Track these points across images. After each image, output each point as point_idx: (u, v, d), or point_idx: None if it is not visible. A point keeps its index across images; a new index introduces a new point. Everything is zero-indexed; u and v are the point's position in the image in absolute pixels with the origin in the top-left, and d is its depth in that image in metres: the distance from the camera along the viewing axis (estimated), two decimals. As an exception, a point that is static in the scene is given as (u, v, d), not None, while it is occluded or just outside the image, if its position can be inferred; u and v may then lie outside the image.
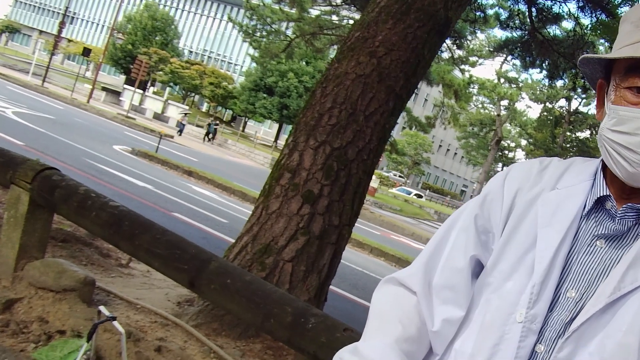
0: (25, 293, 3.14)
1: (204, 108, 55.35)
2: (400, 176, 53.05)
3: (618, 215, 0.96)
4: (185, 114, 33.20)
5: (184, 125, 31.36)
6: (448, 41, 16.23)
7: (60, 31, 33.25)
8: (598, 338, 0.90)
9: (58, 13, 69.75)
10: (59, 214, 3.18)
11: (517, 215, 1.04)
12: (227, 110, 51.92)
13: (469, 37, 17.18)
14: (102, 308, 2.17)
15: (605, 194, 0.98)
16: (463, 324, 1.04)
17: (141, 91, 38.45)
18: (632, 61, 0.92)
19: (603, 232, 0.97)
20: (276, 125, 47.57)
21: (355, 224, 4.27)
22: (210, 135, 33.58)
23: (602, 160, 1.04)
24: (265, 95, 40.17)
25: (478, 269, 1.08)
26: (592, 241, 0.98)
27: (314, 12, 16.52)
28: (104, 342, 2.74)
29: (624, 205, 0.96)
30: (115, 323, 2.12)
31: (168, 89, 48.04)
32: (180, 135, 30.26)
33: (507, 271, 1.01)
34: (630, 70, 0.93)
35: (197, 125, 38.89)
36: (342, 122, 3.91)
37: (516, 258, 1.01)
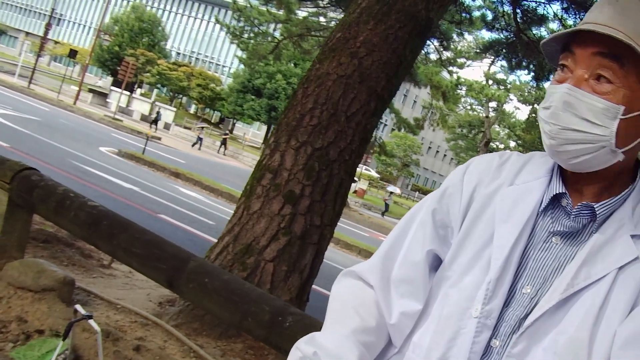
0: (4, 293, 3.12)
1: (192, 110, 55.13)
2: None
3: (573, 213, 0.97)
4: (203, 127, 32.84)
5: (201, 139, 30.97)
6: (435, 42, 16.31)
7: (46, 33, 33.01)
8: (552, 334, 0.91)
9: (44, 15, 69.17)
10: (38, 214, 3.18)
11: (475, 210, 1.05)
12: (215, 112, 51.81)
13: (456, 39, 17.28)
14: (78, 307, 2.18)
15: (561, 191, 0.99)
16: (422, 318, 1.05)
17: (128, 93, 38.22)
18: (569, 39, 0.94)
19: (559, 229, 0.98)
20: (265, 127, 47.52)
21: (344, 226, 4.29)
22: (223, 147, 33.22)
23: None
24: (253, 96, 40.14)
25: (436, 263, 1.09)
26: (547, 238, 0.99)
27: (302, 13, 16.52)
28: (83, 342, 2.74)
29: (578, 204, 0.97)
30: (91, 321, 2.12)
31: (155, 90, 47.80)
32: (193, 146, 29.86)
33: (465, 265, 1.02)
34: (563, 48, 0.96)
35: (185, 127, 38.73)
36: (323, 123, 3.93)
37: (474, 253, 1.01)
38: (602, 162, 0.93)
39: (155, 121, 32.47)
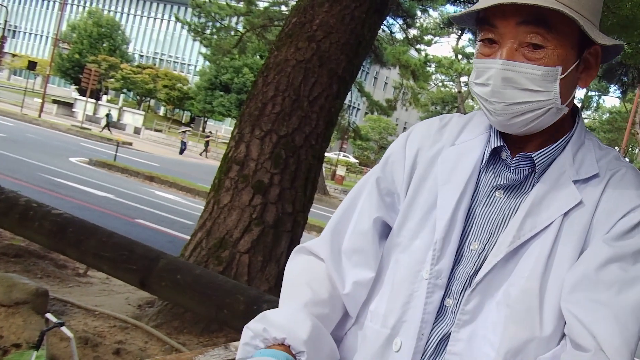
0: (-24, 312, 3.06)
1: (161, 112, 54.47)
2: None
3: (512, 164, 0.98)
4: (185, 131, 32.25)
5: (185, 143, 30.38)
6: (399, 21, 16.32)
7: (2, 46, 32.18)
8: (503, 287, 0.92)
9: None
10: (2, 227, 3.11)
11: (419, 175, 1.05)
12: (185, 111, 51.26)
13: (421, 16, 17.28)
14: (49, 315, 2.14)
15: (499, 144, 0.99)
16: (376, 286, 1.05)
17: (94, 100, 37.58)
18: (482, 14, 0.93)
19: (501, 183, 0.99)
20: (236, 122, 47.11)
21: (324, 213, 4.30)
22: (204, 150, 32.66)
23: None
24: (222, 93, 39.79)
25: (386, 230, 1.09)
26: (491, 192, 0.99)
27: (262, 4, 16.36)
28: (61, 351, 2.71)
29: (517, 155, 0.97)
30: (64, 328, 2.10)
31: (122, 95, 47.07)
32: (181, 154, 29.25)
33: (413, 230, 1.02)
34: (480, 22, 0.95)
35: (156, 130, 38.29)
36: (286, 110, 3.91)
37: (421, 216, 1.02)
38: (550, 121, 0.94)
39: (107, 124, 31.79)
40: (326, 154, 4.79)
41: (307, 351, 0.92)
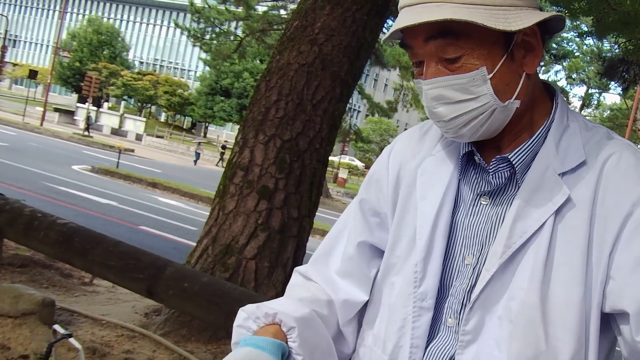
0: (-17, 323, 3.05)
1: (162, 118, 54.54)
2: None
3: (490, 170, 0.91)
4: (199, 142, 32.23)
5: (199, 153, 30.34)
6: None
7: (2, 56, 32.27)
8: (503, 300, 0.85)
9: (-1, 37, 67.70)
10: (7, 237, 3.10)
11: (405, 190, 0.99)
12: (186, 117, 51.30)
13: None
14: (56, 327, 2.13)
15: (467, 150, 0.94)
16: (376, 309, 1.00)
17: (95, 108, 37.64)
18: (402, 36, 0.89)
19: (485, 189, 0.92)
20: (237, 127, 47.17)
21: (327, 216, 4.28)
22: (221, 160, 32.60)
23: None
24: (222, 98, 39.82)
25: (376, 252, 1.04)
26: (476, 200, 0.93)
27: (261, 8, 16.37)
28: (69, 363, 2.69)
29: (493, 159, 0.90)
30: (72, 339, 2.08)
31: (123, 102, 47.14)
32: (195, 164, 29.16)
33: (406, 250, 0.96)
34: (403, 46, 0.90)
35: (157, 136, 38.33)
36: (289, 114, 3.90)
37: (411, 235, 0.95)
38: (503, 119, 0.87)
39: (88, 126, 31.69)
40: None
41: (299, 327, 0.87)
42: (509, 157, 0.89)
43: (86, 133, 30.21)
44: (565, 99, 0.96)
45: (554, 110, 0.92)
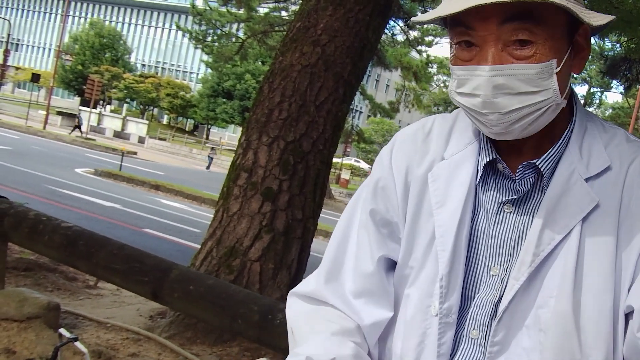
0: (-12, 327, 3.05)
1: (165, 120, 54.61)
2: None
3: (517, 177, 0.87)
4: (213, 147, 32.22)
5: (212, 158, 30.30)
6: (400, 23, 16.28)
7: (5, 59, 32.34)
8: (532, 310, 0.83)
9: (1, 41, 67.90)
10: (12, 242, 3.10)
11: (415, 197, 0.93)
12: (188, 119, 51.37)
13: (421, 18, 17.25)
14: (62, 330, 2.12)
15: (492, 158, 0.89)
16: (391, 322, 0.95)
17: (98, 111, 37.72)
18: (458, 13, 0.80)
19: (508, 197, 0.88)
20: (240, 129, 47.23)
21: (330, 217, 4.27)
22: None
23: None
24: (224, 100, 39.86)
25: (392, 263, 0.98)
26: (499, 209, 0.89)
27: (263, 10, 16.37)
28: (74, 366, 2.69)
29: (519, 166, 0.87)
30: (78, 343, 2.07)
31: (125, 105, 47.21)
32: (208, 169, 29.08)
33: (420, 260, 0.91)
34: (452, 24, 0.83)
35: (160, 139, 38.39)
36: (293, 115, 3.89)
37: (425, 244, 0.91)
38: (550, 119, 0.84)
39: (78, 126, 31.68)
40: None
41: None
42: (537, 163, 0.86)
43: (77, 133, 30.23)
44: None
45: (575, 112, 0.90)
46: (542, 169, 0.86)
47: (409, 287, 0.93)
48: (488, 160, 0.89)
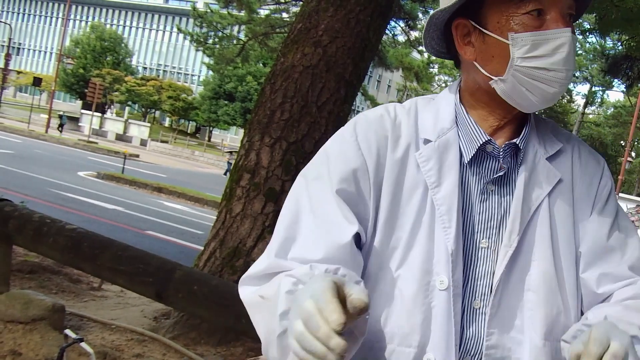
0: (-6, 329, 3.06)
1: (167, 123, 54.70)
2: None
3: (501, 156, 0.98)
4: (231, 152, 32.31)
5: (230, 163, 30.32)
6: (401, 24, 16.29)
7: (7, 64, 32.45)
8: (522, 274, 0.95)
9: (2, 46, 68.04)
10: (16, 244, 3.12)
11: (391, 179, 0.96)
12: (190, 121, 51.43)
13: (422, 18, 17.26)
14: (67, 331, 2.14)
15: (486, 139, 0.97)
16: (380, 305, 0.93)
17: (100, 114, 37.80)
18: None
19: (494, 176, 0.98)
20: (242, 131, 47.29)
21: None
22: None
23: (462, 102, 1.01)
24: (226, 102, 39.90)
25: (358, 241, 0.95)
26: (484, 187, 0.98)
27: (263, 12, 16.38)
28: (80, 367, 2.70)
29: (503, 145, 0.98)
30: (83, 344, 2.09)
31: (127, 108, 47.30)
32: (225, 174, 29.08)
33: (406, 240, 0.94)
34: None
35: (162, 141, 38.46)
36: (295, 116, 3.91)
37: (412, 224, 0.94)
38: None
39: (61, 125, 31.88)
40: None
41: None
42: (517, 142, 0.98)
43: (59, 132, 30.37)
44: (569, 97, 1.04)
45: None
46: (521, 147, 0.98)
47: (398, 269, 0.93)
48: (484, 141, 0.98)
